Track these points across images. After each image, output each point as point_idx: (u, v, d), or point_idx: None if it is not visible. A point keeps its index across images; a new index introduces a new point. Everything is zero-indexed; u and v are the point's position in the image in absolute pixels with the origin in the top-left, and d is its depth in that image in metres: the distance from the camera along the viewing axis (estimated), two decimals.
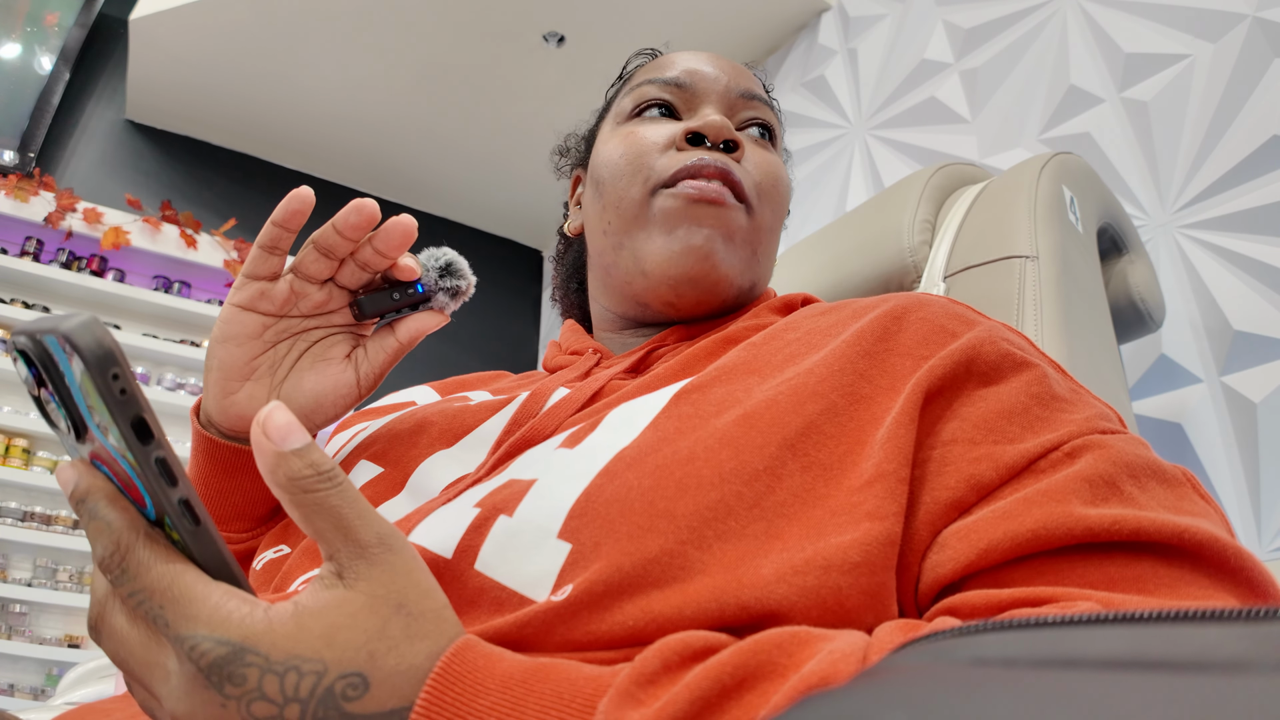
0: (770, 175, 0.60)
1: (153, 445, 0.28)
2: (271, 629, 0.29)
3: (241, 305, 0.52)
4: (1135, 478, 0.38)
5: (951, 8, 1.96)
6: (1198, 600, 0.33)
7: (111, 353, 0.26)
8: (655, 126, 0.59)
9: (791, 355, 0.46)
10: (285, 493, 0.30)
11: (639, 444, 0.41)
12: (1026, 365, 0.43)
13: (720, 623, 0.34)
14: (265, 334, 0.53)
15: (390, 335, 0.55)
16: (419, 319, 0.54)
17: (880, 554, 0.36)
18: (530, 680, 0.29)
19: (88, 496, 0.30)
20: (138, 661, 0.30)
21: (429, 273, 0.53)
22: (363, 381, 0.55)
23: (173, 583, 0.29)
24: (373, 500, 0.51)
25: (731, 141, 0.57)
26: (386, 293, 0.53)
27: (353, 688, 0.28)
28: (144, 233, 2.80)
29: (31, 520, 2.46)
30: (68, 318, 0.27)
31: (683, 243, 0.54)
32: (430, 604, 0.31)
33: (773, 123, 0.63)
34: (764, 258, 0.60)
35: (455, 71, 2.70)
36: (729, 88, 0.62)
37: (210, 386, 0.53)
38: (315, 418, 0.54)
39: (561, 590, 0.36)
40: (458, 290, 0.54)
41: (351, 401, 0.55)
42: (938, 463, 0.39)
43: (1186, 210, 1.36)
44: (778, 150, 0.64)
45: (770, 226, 0.60)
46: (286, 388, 0.54)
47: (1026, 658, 0.20)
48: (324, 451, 0.30)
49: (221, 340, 0.53)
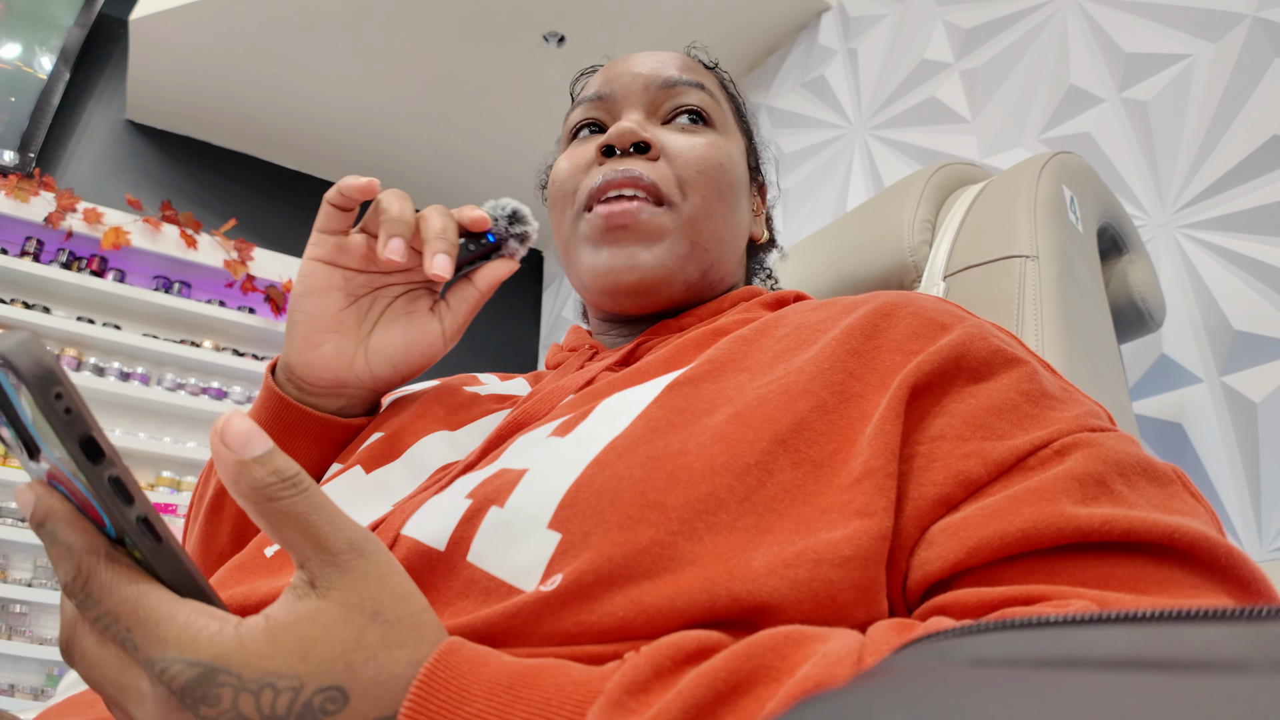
0: (696, 161, 0.58)
1: (104, 464, 0.26)
2: (243, 646, 0.28)
3: (321, 259, 0.54)
4: (1125, 476, 0.38)
5: (951, 8, 1.96)
6: (1189, 599, 0.33)
7: (52, 371, 0.25)
8: (582, 148, 0.61)
9: (781, 352, 0.46)
10: (249, 502, 0.29)
11: (630, 434, 0.41)
12: (1017, 362, 0.43)
13: (711, 615, 0.34)
14: (348, 287, 0.55)
15: (469, 285, 0.58)
16: (494, 267, 0.57)
17: (871, 548, 0.36)
18: (517, 685, 0.29)
19: (46, 519, 0.29)
20: (111, 684, 0.29)
21: (498, 222, 0.56)
22: (447, 332, 0.57)
23: (138, 604, 0.28)
24: (367, 462, 0.51)
25: (641, 143, 0.57)
26: (463, 244, 0.55)
27: (331, 701, 0.28)
28: (144, 233, 2.80)
29: None
30: (5, 337, 0.25)
31: (605, 263, 0.57)
32: (407, 609, 0.30)
33: (701, 104, 0.61)
34: (712, 242, 0.59)
35: (455, 71, 2.70)
36: (648, 83, 0.61)
37: (295, 340, 0.54)
38: (402, 369, 0.57)
39: (551, 580, 0.36)
40: (525, 235, 0.57)
41: (438, 351, 0.58)
42: (925, 458, 0.39)
43: (1186, 210, 1.36)
44: (716, 127, 0.62)
45: (708, 211, 0.58)
46: (375, 339, 0.56)
47: (1027, 658, 0.20)
48: (287, 457, 0.29)
49: (305, 294, 0.54)
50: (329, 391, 0.56)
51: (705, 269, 0.59)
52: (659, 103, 0.61)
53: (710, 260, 0.59)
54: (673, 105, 0.61)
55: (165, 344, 2.73)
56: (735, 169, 0.61)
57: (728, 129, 0.63)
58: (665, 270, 0.57)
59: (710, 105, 0.62)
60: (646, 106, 0.61)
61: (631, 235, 0.56)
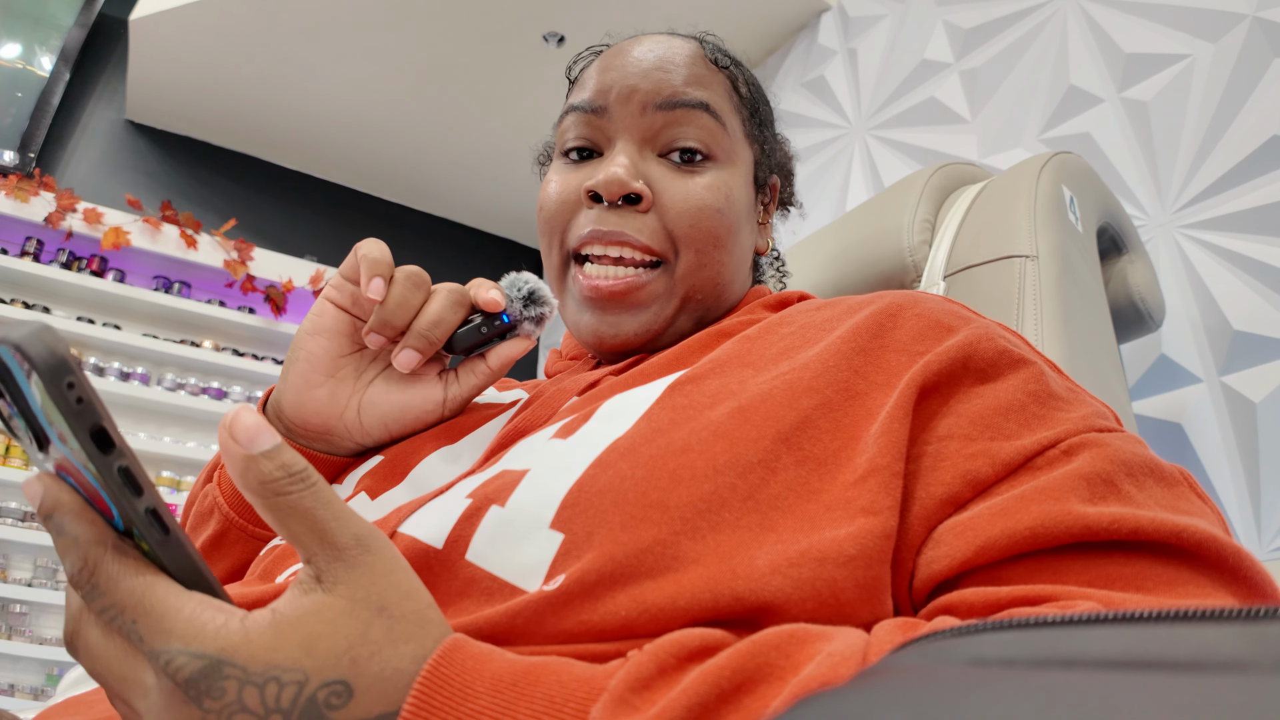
0: (690, 214, 0.55)
1: (114, 454, 0.26)
2: (249, 639, 0.28)
3: (335, 302, 0.54)
4: (1133, 476, 0.38)
5: (951, 8, 1.96)
6: (1196, 599, 0.33)
7: (65, 361, 0.25)
8: (572, 176, 0.58)
9: (786, 350, 0.46)
10: (257, 496, 0.29)
11: (632, 434, 0.41)
12: (1024, 363, 0.43)
13: (714, 614, 0.34)
14: (355, 335, 0.54)
15: (482, 362, 0.56)
16: (508, 347, 0.56)
17: (875, 547, 0.36)
18: (520, 683, 0.29)
19: (54, 511, 0.29)
20: (115, 676, 0.29)
21: (513, 303, 0.55)
22: (449, 402, 0.56)
23: (144, 596, 0.28)
24: (372, 488, 0.51)
25: (633, 194, 0.54)
26: (475, 327, 0.54)
27: (336, 696, 0.28)
28: (144, 233, 2.80)
29: (32, 520, 2.46)
30: (18, 326, 0.25)
31: (590, 326, 0.56)
32: (412, 605, 0.30)
33: (700, 139, 0.57)
34: (707, 291, 0.57)
35: (455, 72, 2.70)
36: (646, 103, 0.56)
37: (291, 378, 0.54)
38: (394, 428, 0.55)
39: (554, 580, 0.36)
40: (542, 317, 0.55)
41: (434, 419, 0.56)
42: (933, 458, 0.39)
43: (1186, 210, 1.36)
44: (718, 158, 0.58)
45: (701, 263, 0.56)
46: (371, 393, 0.55)
47: (1026, 658, 0.20)
48: (294, 452, 0.29)
49: (312, 333, 0.53)
50: (316, 437, 0.56)
51: (701, 315, 0.58)
52: (655, 129, 0.57)
53: (706, 306, 0.58)
54: (670, 137, 0.57)
55: (165, 344, 2.74)
56: (736, 205, 0.58)
57: (733, 155, 0.59)
58: (650, 333, 0.56)
59: (712, 132, 0.57)
60: (643, 133, 0.57)
61: (619, 306, 0.55)
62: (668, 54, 0.59)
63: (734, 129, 0.59)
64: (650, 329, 0.56)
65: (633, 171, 0.55)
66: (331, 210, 3.37)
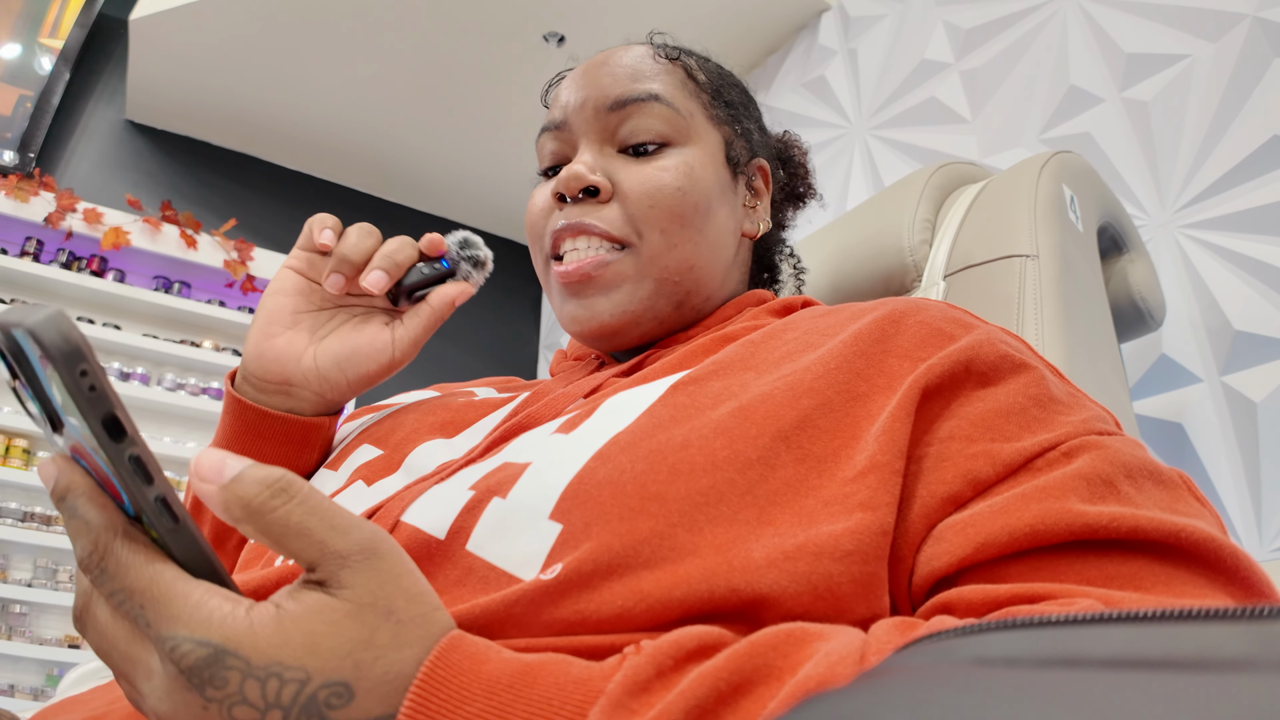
0: (648, 196, 0.56)
1: (126, 442, 0.27)
2: (253, 632, 0.28)
3: (292, 268, 0.59)
4: (1132, 478, 0.38)
5: (951, 8, 1.96)
6: (1194, 598, 0.34)
7: (79, 348, 0.25)
8: (545, 187, 0.62)
9: (788, 353, 0.46)
10: (247, 524, 0.29)
11: (633, 429, 0.41)
12: (1025, 367, 0.43)
13: (710, 606, 0.34)
14: (312, 296, 0.58)
15: (424, 304, 0.60)
16: (448, 287, 0.60)
17: (872, 543, 0.36)
18: (517, 684, 0.29)
19: (67, 494, 0.29)
20: (121, 656, 0.30)
21: (451, 248, 0.60)
22: (397, 343, 0.58)
23: (152, 582, 0.29)
24: (369, 476, 0.52)
25: (590, 187, 0.57)
26: (418, 268, 0.59)
27: (336, 696, 0.28)
28: (144, 233, 2.80)
29: (31, 520, 2.46)
30: (34, 310, 0.25)
31: (570, 314, 0.59)
32: (419, 609, 0.30)
33: (651, 130, 0.58)
34: (682, 273, 0.57)
35: (455, 72, 2.70)
36: (598, 108, 0.59)
37: (252, 334, 0.57)
38: (348, 370, 0.58)
39: (551, 569, 0.36)
40: (477, 259, 0.61)
41: (385, 359, 0.58)
42: (934, 458, 0.40)
43: (1187, 210, 1.36)
44: (675, 142, 0.59)
45: (669, 244, 0.56)
46: (325, 342, 0.58)
47: (1029, 657, 0.20)
48: (268, 467, 0.29)
49: (272, 293, 0.58)
50: (277, 388, 0.57)
51: (680, 300, 0.58)
52: (612, 128, 0.59)
53: (685, 289, 0.58)
54: (627, 132, 0.58)
55: (165, 344, 2.73)
56: (701, 184, 0.58)
57: (694, 135, 0.59)
58: (627, 315, 0.57)
59: (667, 119, 0.58)
60: (600, 134, 0.59)
61: (589, 287, 0.57)
62: (614, 60, 0.62)
63: (692, 113, 0.60)
64: (626, 310, 0.56)
65: (590, 166, 0.58)
66: (331, 210, 3.34)
